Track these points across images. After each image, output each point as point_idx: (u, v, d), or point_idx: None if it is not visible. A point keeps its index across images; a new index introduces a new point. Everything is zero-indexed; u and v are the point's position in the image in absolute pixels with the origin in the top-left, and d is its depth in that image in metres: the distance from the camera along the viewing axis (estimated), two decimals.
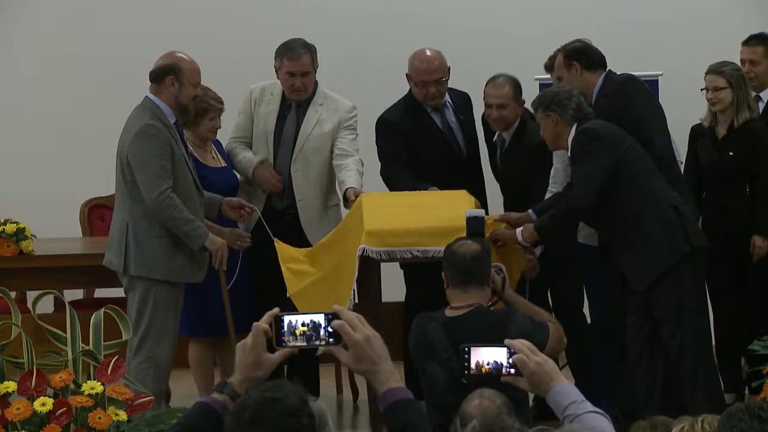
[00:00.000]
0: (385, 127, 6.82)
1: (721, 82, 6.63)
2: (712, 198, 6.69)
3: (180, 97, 6.15)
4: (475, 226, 5.82)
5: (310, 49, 6.69)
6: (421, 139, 6.78)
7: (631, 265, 6.03)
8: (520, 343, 3.14)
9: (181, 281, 6.17)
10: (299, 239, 6.60)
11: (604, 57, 6.42)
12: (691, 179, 6.70)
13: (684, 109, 7.00)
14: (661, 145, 6.23)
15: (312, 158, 6.74)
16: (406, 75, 6.81)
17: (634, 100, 6.29)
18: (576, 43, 6.46)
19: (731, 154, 6.63)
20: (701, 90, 6.75)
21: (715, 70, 6.70)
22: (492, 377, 3.19)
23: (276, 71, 6.75)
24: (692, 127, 6.84)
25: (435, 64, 6.73)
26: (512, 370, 3.13)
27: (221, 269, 6.24)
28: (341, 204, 6.77)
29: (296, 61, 6.65)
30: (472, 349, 3.17)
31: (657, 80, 7.44)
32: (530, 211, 6.33)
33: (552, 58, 6.69)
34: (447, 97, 6.86)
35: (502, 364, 3.15)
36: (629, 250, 6.00)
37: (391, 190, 6.73)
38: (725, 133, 6.67)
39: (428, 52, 6.78)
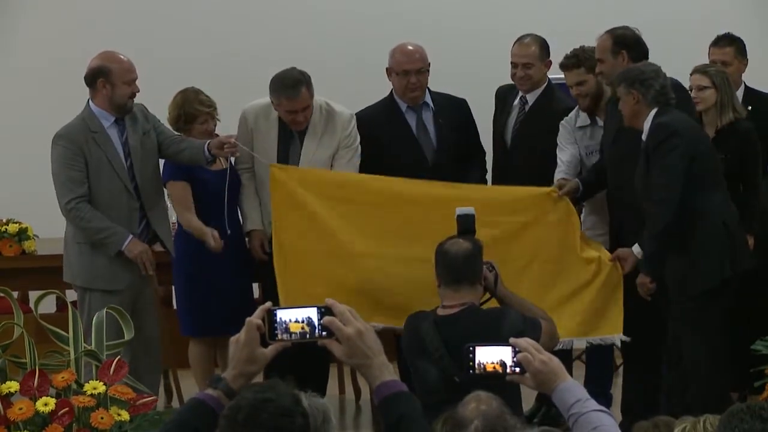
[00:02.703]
0: (360, 127, 6.70)
1: (705, 81, 6.59)
2: None
3: (114, 98, 6.16)
4: (465, 224, 5.79)
5: (306, 81, 6.45)
6: (390, 139, 6.70)
7: (674, 273, 5.94)
8: (525, 342, 3.14)
9: (99, 288, 6.14)
10: None
11: (648, 51, 6.34)
12: None
13: None
14: None
15: None
16: (387, 69, 6.75)
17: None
18: (627, 31, 6.36)
19: (722, 157, 6.60)
20: None
21: (700, 70, 6.67)
22: (490, 376, 3.19)
23: (274, 106, 6.53)
24: None
25: (416, 56, 6.70)
26: (517, 369, 3.14)
27: (149, 275, 6.19)
28: None
29: (296, 100, 6.42)
30: (476, 348, 3.17)
31: None
32: (577, 179, 6.32)
33: (569, 57, 6.56)
34: (429, 99, 6.79)
35: (506, 363, 3.15)
36: (675, 259, 5.93)
37: None
38: (714, 136, 6.65)
39: (410, 46, 6.75)
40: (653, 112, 5.92)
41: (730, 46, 7.09)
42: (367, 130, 6.66)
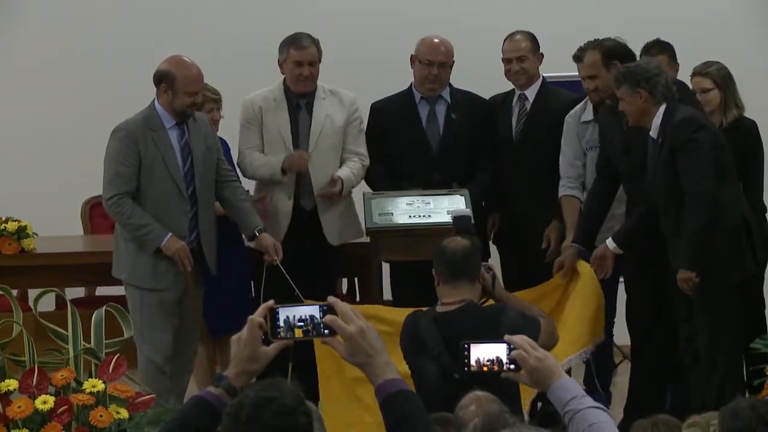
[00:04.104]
0: (373, 116, 6.92)
1: (707, 83, 6.56)
2: None
3: (173, 104, 6.16)
4: (461, 226, 5.81)
5: (316, 42, 6.70)
6: (398, 126, 6.82)
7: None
8: (520, 339, 3.14)
9: (142, 286, 6.17)
10: (318, 235, 6.65)
11: (635, 56, 6.39)
12: None
13: None
14: None
15: (328, 153, 6.71)
16: (411, 57, 6.86)
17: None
18: (611, 42, 6.36)
19: None
20: None
21: (701, 71, 6.62)
22: (489, 373, 3.19)
23: (280, 65, 6.74)
24: None
25: (441, 49, 6.83)
26: (512, 366, 3.13)
27: (186, 272, 6.18)
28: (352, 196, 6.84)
29: (304, 50, 6.65)
30: (471, 345, 3.17)
31: None
32: (576, 245, 6.27)
33: (582, 49, 6.48)
34: (447, 94, 6.87)
35: (502, 361, 3.15)
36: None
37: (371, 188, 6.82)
38: None
39: (437, 39, 6.87)
40: (662, 108, 5.88)
41: (663, 54, 6.98)
42: (381, 116, 6.85)
